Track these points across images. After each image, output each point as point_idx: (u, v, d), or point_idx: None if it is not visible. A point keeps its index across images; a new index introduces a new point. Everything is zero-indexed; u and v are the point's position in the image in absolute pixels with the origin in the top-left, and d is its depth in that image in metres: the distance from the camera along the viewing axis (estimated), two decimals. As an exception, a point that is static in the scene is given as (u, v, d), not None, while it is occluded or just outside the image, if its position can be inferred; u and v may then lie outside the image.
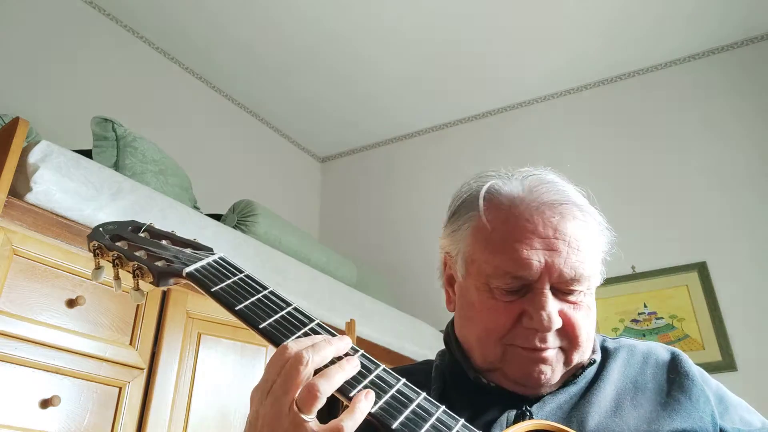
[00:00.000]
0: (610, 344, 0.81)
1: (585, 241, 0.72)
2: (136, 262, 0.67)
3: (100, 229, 0.72)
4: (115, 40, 2.81)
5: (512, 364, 0.71)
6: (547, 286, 0.69)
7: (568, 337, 0.70)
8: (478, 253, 0.73)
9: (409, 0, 2.72)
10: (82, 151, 1.76)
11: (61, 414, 1.31)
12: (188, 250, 0.71)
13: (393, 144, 3.75)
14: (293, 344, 0.56)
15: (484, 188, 0.76)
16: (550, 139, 3.23)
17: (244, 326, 0.60)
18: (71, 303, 1.39)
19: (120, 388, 1.44)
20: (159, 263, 0.66)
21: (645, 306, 2.67)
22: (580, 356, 0.72)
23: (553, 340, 0.69)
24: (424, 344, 2.60)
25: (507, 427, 0.62)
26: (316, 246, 2.46)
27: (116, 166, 1.83)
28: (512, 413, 0.71)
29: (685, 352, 2.65)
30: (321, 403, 0.52)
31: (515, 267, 0.69)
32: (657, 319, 2.63)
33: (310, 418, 0.51)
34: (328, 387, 0.52)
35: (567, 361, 0.71)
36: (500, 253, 0.70)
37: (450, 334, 0.81)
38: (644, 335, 2.61)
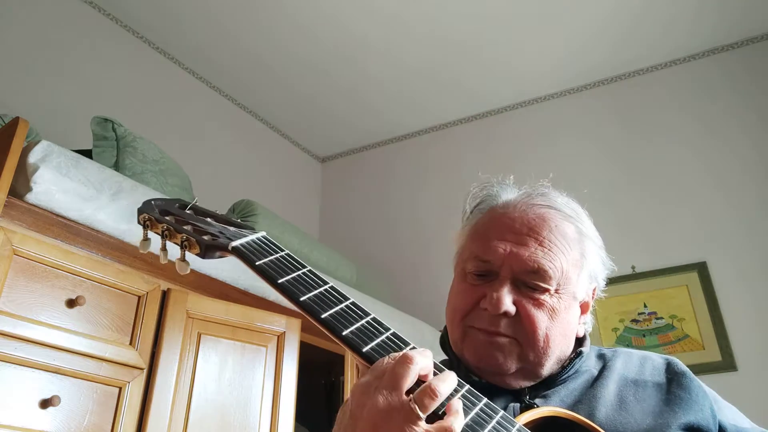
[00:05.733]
0: (607, 352, 0.84)
1: (560, 247, 0.76)
2: (184, 235, 0.71)
3: (152, 202, 0.77)
4: (115, 40, 2.80)
5: (469, 345, 0.76)
6: (509, 275, 0.75)
7: (523, 329, 0.73)
8: (464, 244, 0.83)
9: (409, 2, 2.72)
10: (82, 151, 1.76)
11: (61, 414, 1.31)
12: (232, 228, 0.75)
13: (393, 144, 3.75)
14: (387, 359, 0.56)
15: (487, 194, 0.85)
16: (550, 139, 3.23)
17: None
18: (71, 303, 1.39)
19: (120, 388, 1.44)
20: (206, 237, 0.70)
21: (645, 306, 2.67)
22: (536, 355, 0.73)
23: (505, 327, 0.73)
24: (424, 344, 2.58)
25: (514, 416, 0.63)
26: (315, 246, 2.46)
27: (116, 166, 1.83)
28: (516, 405, 0.74)
29: (685, 352, 2.65)
30: (437, 403, 0.51)
31: (483, 251, 0.77)
32: (657, 319, 2.63)
33: (423, 416, 0.51)
34: (444, 388, 0.52)
35: (522, 356, 0.73)
36: (476, 240, 0.80)
37: (444, 336, 0.85)
38: (644, 335, 2.61)
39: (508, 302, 0.72)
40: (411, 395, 0.51)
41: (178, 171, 2.08)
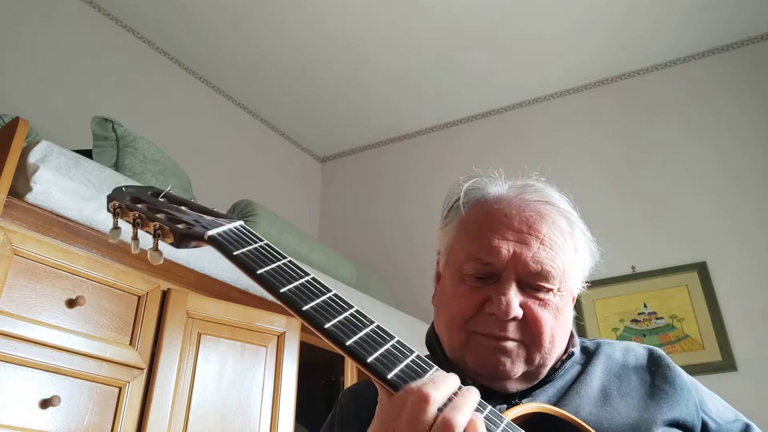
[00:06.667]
0: (589, 344, 0.83)
1: (559, 243, 0.74)
2: (157, 223, 0.67)
3: (122, 189, 0.72)
4: (115, 40, 2.80)
5: (473, 351, 0.72)
6: (514, 277, 0.72)
7: (530, 332, 0.71)
8: (457, 242, 0.78)
9: (408, 3, 2.72)
10: (82, 151, 1.76)
11: (61, 414, 1.31)
12: (208, 217, 0.71)
13: (393, 144, 3.75)
14: (415, 382, 0.52)
15: (473, 186, 0.81)
16: (550, 139, 3.23)
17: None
18: (71, 303, 1.39)
19: (120, 388, 1.44)
20: (180, 225, 0.66)
21: (645, 306, 2.67)
22: (542, 357, 0.72)
23: (513, 331, 0.71)
24: (423, 344, 2.59)
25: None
26: (315, 246, 2.46)
27: (116, 166, 1.83)
28: (503, 407, 0.72)
29: (685, 352, 2.66)
30: None
31: (484, 253, 0.73)
32: (657, 319, 2.63)
33: None
34: (462, 419, 0.49)
35: (528, 359, 0.72)
36: (474, 240, 0.75)
37: (432, 336, 0.84)
38: (644, 335, 2.61)
39: (517, 307, 0.70)
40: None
41: (178, 171, 2.08)
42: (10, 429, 1.22)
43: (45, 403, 1.28)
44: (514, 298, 0.70)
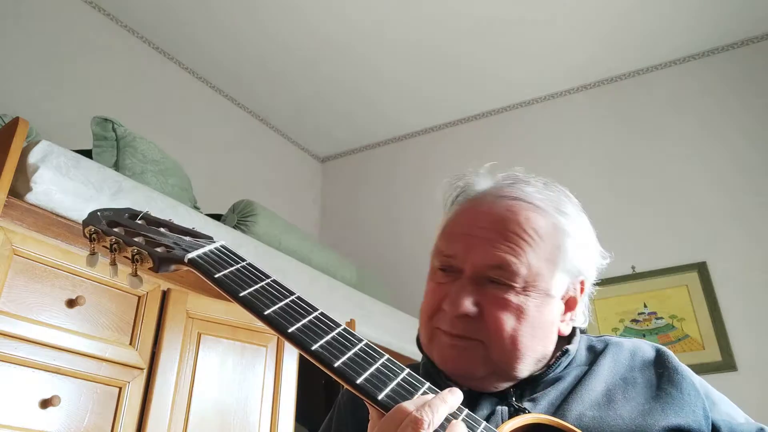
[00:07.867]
0: (596, 343, 0.81)
1: (528, 240, 0.71)
2: (135, 248, 0.65)
3: (98, 213, 0.70)
4: (115, 40, 2.80)
5: (435, 348, 0.73)
6: (470, 272, 0.71)
7: (486, 331, 0.69)
8: (436, 240, 0.79)
9: (408, 4, 2.72)
10: (82, 151, 1.75)
11: (61, 414, 1.31)
12: (188, 238, 0.70)
13: (393, 144, 3.75)
14: (408, 404, 0.51)
15: (459, 186, 0.82)
16: (550, 139, 3.23)
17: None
18: (71, 303, 1.39)
19: (120, 388, 1.44)
20: (159, 249, 0.65)
21: (645, 306, 2.67)
22: (504, 358, 0.69)
23: (467, 329, 0.69)
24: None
25: (502, 421, 0.62)
26: (316, 246, 2.46)
27: (116, 166, 1.83)
28: (504, 409, 0.70)
29: (685, 352, 2.65)
30: None
31: (446, 246, 0.74)
32: (657, 319, 2.63)
33: None
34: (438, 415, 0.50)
35: (488, 359, 0.69)
36: (443, 235, 0.77)
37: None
38: (644, 335, 2.61)
39: (467, 303, 0.68)
40: None
41: (178, 171, 2.08)
42: (10, 429, 1.22)
43: (45, 403, 1.28)
44: (463, 292, 0.69)
